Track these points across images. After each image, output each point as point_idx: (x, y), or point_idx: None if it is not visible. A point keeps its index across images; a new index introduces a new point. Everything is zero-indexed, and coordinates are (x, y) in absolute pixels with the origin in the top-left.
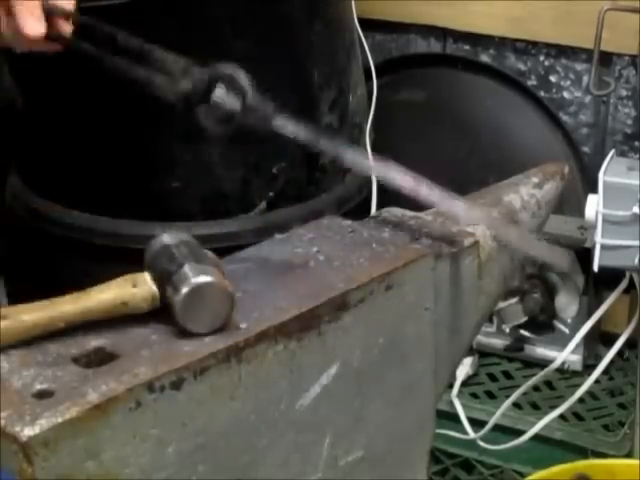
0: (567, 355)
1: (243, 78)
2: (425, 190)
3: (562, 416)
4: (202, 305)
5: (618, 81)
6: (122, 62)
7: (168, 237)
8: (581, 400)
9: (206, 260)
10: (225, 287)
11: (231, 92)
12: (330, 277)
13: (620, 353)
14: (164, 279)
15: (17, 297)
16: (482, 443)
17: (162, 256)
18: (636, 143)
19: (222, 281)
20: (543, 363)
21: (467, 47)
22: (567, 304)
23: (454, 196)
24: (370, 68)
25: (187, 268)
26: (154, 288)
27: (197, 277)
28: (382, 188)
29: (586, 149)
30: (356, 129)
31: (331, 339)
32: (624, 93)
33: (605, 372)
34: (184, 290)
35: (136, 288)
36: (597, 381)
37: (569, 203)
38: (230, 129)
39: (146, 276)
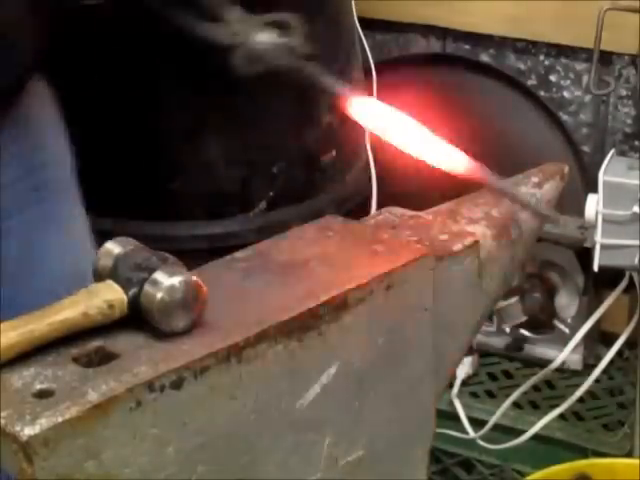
0: (567, 355)
1: (295, 24)
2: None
3: (562, 416)
4: (179, 305)
5: (618, 81)
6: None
7: (117, 245)
8: (581, 400)
9: (169, 260)
10: (199, 283)
11: (279, 36)
12: (330, 277)
13: (620, 353)
14: (133, 285)
15: None
16: (482, 442)
17: (123, 264)
18: (636, 142)
19: (195, 279)
20: (543, 363)
21: (467, 47)
22: (567, 304)
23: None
24: (370, 68)
25: (159, 271)
26: (123, 295)
27: (172, 278)
28: (382, 188)
29: (586, 149)
30: (356, 129)
31: (331, 339)
32: (624, 93)
33: (605, 372)
34: (161, 293)
35: (104, 297)
36: (597, 381)
37: (569, 203)
38: (260, 68)
39: (112, 284)
